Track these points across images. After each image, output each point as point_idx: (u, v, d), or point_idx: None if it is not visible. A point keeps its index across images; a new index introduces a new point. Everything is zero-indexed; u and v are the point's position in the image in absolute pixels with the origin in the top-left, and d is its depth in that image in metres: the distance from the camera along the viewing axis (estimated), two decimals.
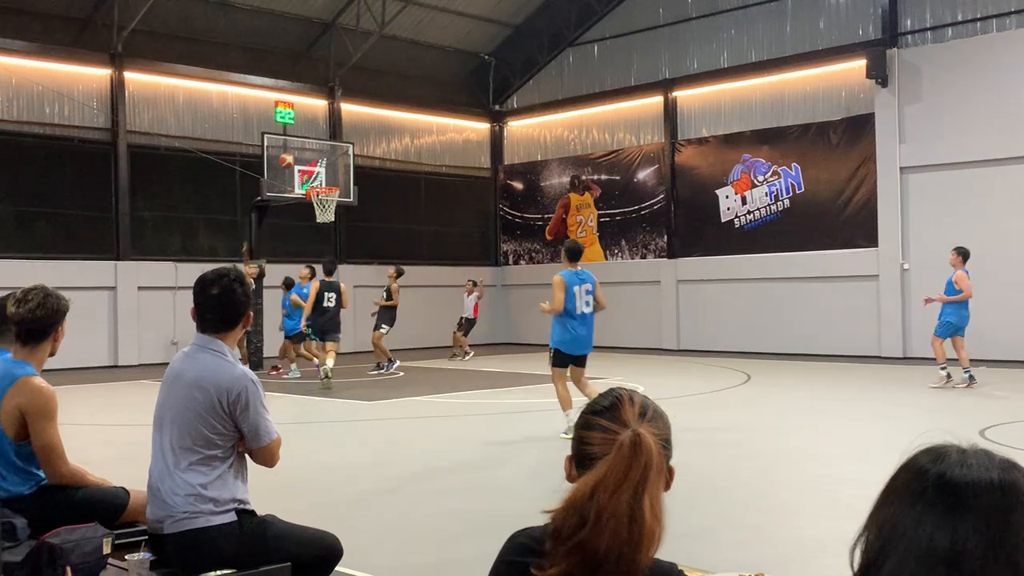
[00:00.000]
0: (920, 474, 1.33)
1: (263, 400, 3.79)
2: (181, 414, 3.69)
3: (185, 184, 22.03)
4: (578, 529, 1.72)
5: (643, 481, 1.73)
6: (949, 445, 1.37)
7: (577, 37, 26.26)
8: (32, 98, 20.09)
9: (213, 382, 3.68)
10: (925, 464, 1.34)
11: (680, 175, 24.02)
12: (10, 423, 4.04)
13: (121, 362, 20.42)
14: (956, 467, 1.31)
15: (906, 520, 1.29)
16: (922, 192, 19.79)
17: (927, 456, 1.35)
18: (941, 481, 1.30)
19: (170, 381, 3.82)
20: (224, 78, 22.56)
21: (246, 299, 3.86)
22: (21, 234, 19.94)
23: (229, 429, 3.70)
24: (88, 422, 11.60)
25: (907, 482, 1.33)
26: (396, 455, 9.66)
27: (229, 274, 3.86)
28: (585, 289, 9.98)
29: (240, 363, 3.85)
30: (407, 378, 17.49)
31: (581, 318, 9.93)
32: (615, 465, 1.74)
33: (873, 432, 10.31)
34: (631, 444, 1.76)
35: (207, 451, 3.67)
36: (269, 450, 3.81)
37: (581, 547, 1.72)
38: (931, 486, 1.30)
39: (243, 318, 3.85)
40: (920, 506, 1.29)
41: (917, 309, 19.56)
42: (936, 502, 1.28)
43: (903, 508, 1.31)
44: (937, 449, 1.36)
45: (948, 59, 19.46)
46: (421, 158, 26.82)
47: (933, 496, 1.29)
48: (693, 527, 6.04)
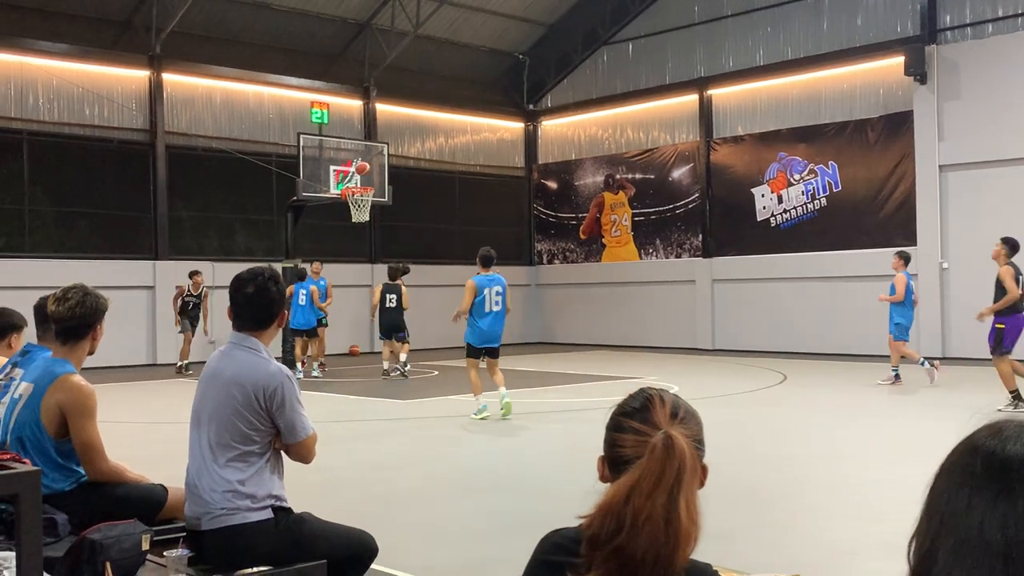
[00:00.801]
0: (971, 451, 1.16)
1: (299, 396, 3.84)
2: (219, 411, 3.74)
3: (222, 184, 22.25)
4: (615, 534, 1.70)
5: (678, 483, 1.71)
6: (1011, 420, 1.19)
7: (611, 36, 26.19)
8: (72, 100, 20.37)
9: (250, 379, 3.72)
10: (979, 440, 1.17)
11: (715, 174, 23.89)
12: (50, 420, 4.09)
13: (160, 360, 20.66)
14: (1011, 442, 1.14)
15: (955, 506, 1.13)
16: (961, 190, 19.54)
17: (984, 432, 1.18)
18: (991, 459, 1.13)
19: (207, 379, 3.87)
20: (260, 79, 22.75)
21: (280, 297, 3.91)
22: (61, 234, 20.25)
23: (266, 425, 3.74)
24: (127, 419, 11.74)
25: (957, 460, 1.17)
26: (429, 454, 9.69)
27: (264, 273, 3.91)
28: (495, 291, 11.78)
29: (275, 360, 3.89)
30: (440, 377, 17.54)
31: (491, 316, 11.76)
32: (649, 469, 1.73)
33: (910, 434, 10.20)
34: (664, 447, 1.74)
35: (244, 447, 3.71)
36: (305, 446, 3.84)
37: (619, 552, 1.70)
38: (980, 465, 1.14)
39: (277, 316, 3.90)
40: (968, 489, 1.13)
41: (956, 309, 19.34)
42: (985, 484, 1.12)
43: (951, 492, 1.15)
44: (998, 424, 1.18)
45: (988, 55, 19.20)
46: (455, 158, 26.88)
47: (982, 476, 1.13)
48: (726, 528, 6.01)
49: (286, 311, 3.96)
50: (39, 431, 4.10)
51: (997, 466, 1.12)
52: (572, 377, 16.93)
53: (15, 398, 4.21)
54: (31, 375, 4.24)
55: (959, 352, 19.18)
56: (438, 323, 23.02)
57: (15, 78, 19.69)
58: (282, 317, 3.93)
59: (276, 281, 3.90)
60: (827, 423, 11.34)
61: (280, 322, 3.93)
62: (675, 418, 1.87)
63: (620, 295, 25.44)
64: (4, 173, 19.69)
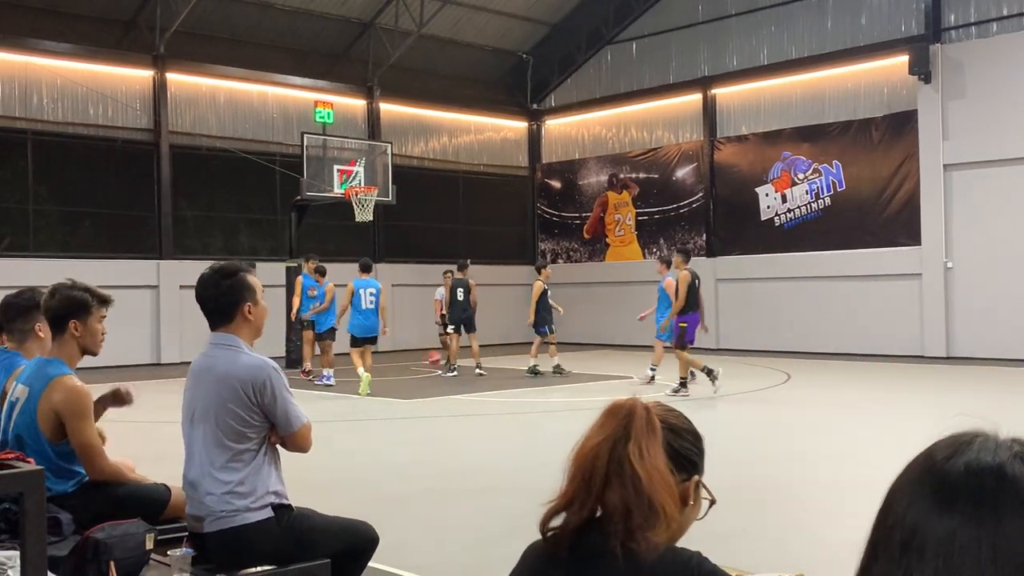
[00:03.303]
0: (923, 460, 1.15)
1: (287, 386, 3.82)
2: (210, 412, 3.72)
3: (226, 184, 22.26)
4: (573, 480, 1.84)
5: (625, 436, 1.81)
6: (972, 431, 1.16)
7: (615, 35, 26.17)
8: (76, 100, 20.39)
9: (237, 375, 3.71)
10: (933, 449, 1.16)
11: (719, 173, 23.86)
12: (47, 424, 4.07)
13: (164, 360, 20.68)
14: (960, 454, 1.12)
15: (896, 515, 1.13)
16: (966, 189, 19.50)
17: (943, 442, 1.16)
18: (931, 468, 1.12)
19: (193, 381, 3.87)
20: (264, 78, 22.76)
21: (233, 290, 3.83)
22: (66, 234, 20.27)
23: (259, 420, 3.73)
24: (131, 419, 11.73)
25: (909, 468, 1.16)
26: (435, 453, 9.69)
27: (216, 269, 3.88)
28: (369, 292, 15.22)
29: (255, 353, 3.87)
30: (443, 376, 17.53)
31: (364, 312, 15.17)
32: (596, 420, 1.88)
33: (915, 432, 10.16)
34: (613, 404, 1.88)
35: (240, 445, 3.70)
36: (301, 435, 3.82)
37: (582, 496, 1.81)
38: (919, 474, 1.13)
39: (238, 307, 3.83)
40: (910, 497, 1.12)
41: (960, 308, 19.31)
42: (922, 493, 1.11)
43: (897, 499, 1.14)
44: (958, 435, 1.16)
45: (993, 54, 19.16)
46: (459, 157, 26.88)
47: (925, 485, 1.12)
48: (731, 527, 5.99)
49: (250, 303, 3.87)
50: (37, 436, 4.09)
51: (935, 479, 1.11)
52: (575, 377, 16.93)
53: (12, 401, 4.21)
54: (25, 377, 4.23)
55: (963, 352, 19.16)
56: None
57: (19, 77, 19.72)
58: (247, 308, 3.83)
59: (227, 274, 3.83)
60: (832, 422, 11.32)
61: (249, 313, 3.85)
62: (660, 406, 1.92)
63: (624, 294, 25.40)
64: (8, 173, 19.72)
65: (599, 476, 1.80)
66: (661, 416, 1.88)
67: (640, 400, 1.88)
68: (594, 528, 1.81)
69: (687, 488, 1.87)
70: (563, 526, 1.84)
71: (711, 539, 1.78)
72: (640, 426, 1.82)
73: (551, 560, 1.85)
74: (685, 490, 1.87)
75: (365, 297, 15.16)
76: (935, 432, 1.23)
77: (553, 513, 1.85)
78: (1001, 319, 18.65)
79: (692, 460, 1.90)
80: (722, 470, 1.87)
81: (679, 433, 1.90)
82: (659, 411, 1.89)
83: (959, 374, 16.28)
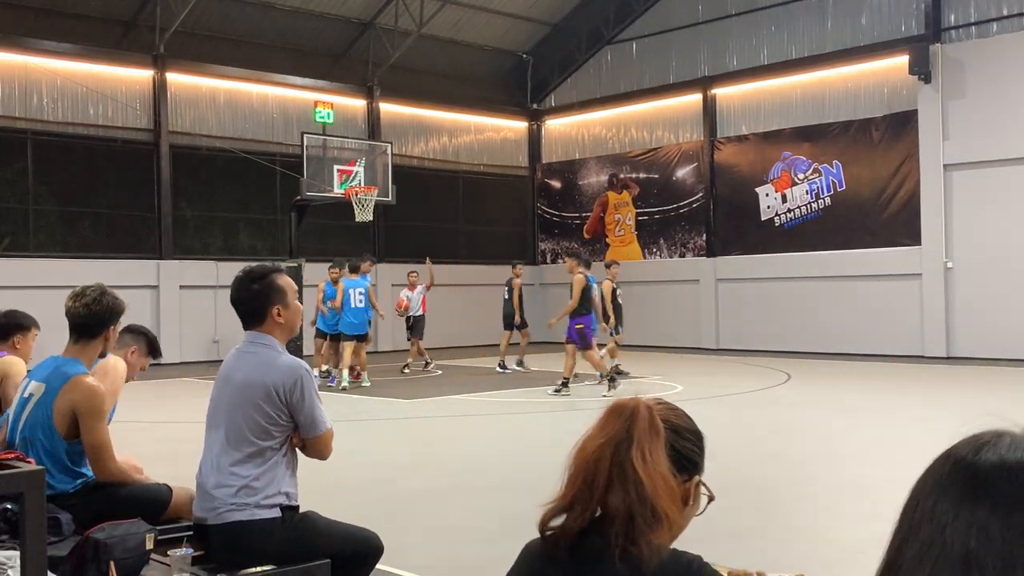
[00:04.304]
0: (945, 458, 1.15)
1: (316, 390, 3.84)
2: (238, 407, 3.74)
3: (226, 184, 22.26)
4: (574, 480, 1.83)
5: (628, 438, 1.80)
6: (992, 430, 1.16)
7: (615, 35, 26.17)
8: (76, 99, 20.39)
9: (269, 374, 3.73)
10: (955, 448, 1.15)
11: (719, 173, 23.86)
12: (62, 422, 4.09)
13: (163, 360, 20.62)
14: (984, 451, 1.11)
15: (922, 512, 1.12)
16: (966, 189, 19.50)
17: (964, 441, 1.16)
18: (960, 466, 1.12)
19: (224, 378, 3.89)
20: (264, 78, 22.75)
21: (261, 291, 3.87)
22: (66, 234, 20.26)
23: (285, 420, 3.75)
24: (131, 419, 11.74)
25: (932, 468, 1.16)
26: (436, 453, 9.69)
27: (244, 272, 3.95)
28: (359, 291, 15.83)
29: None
30: (445, 377, 17.54)
31: (355, 311, 15.76)
32: (597, 421, 1.87)
33: (917, 433, 10.18)
34: (615, 404, 1.87)
35: (262, 442, 3.72)
36: (323, 440, 3.85)
37: (583, 499, 1.80)
38: (949, 472, 1.12)
39: (268, 310, 3.86)
40: (935, 496, 1.11)
41: (961, 308, 19.31)
42: (952, 491, 1.10)
43: (922, 498, 1.13)
44: (979, 434, 1.16)
45: (993, 54, 19.16)
46: (459, 157, 26.88)
47: (949, 483, 1.11)
48: (733, 526, 5.99)
49: (280, 306, 3.90)
50: (51, 433, 4.09)
51: (965, 474, 1.11)
52: (576, 377, 16.91)
53: (25, 397, 4.21)
54: (41, 374, 4.23)
55: (963, 352, 19.16)
56: (441, 322, 23.05)
57: (19, 77, 19.71)
58: (278, 311, 3.87)
59: (256, 278, 3.89)
60: (832, 422, 11.32)
61: (279, 316, 3.88)
62: (659, 403, 1.92)
63: (624, 294, 25.39)
64: (9, 173, 19.71)
65: (601, 479, 1.79)
66: (663, 416, 1.87)
67: (643, 400, 1.87)
68: (594, 530, 1.80)
69: (688, 488, 1.87)
70: (563, 528, 1.83)
71: (712, 538, 1.78)
72: (643, 428, 1.81)
73: (550, 560, 1.85)
74: (686, 491, 1.87)
75: (355, 297, 15.87)
76: (935, 432, 1.24)
77: (553, 514, 1.84)
78: (1001, 319, 18.65)
79: (694, 460, 1.90)
80: (722, 470, 1.87)
81: (681, 433, 1.90)
82: (661, 411, 1.88)
83: (959, 374, 16.28)
